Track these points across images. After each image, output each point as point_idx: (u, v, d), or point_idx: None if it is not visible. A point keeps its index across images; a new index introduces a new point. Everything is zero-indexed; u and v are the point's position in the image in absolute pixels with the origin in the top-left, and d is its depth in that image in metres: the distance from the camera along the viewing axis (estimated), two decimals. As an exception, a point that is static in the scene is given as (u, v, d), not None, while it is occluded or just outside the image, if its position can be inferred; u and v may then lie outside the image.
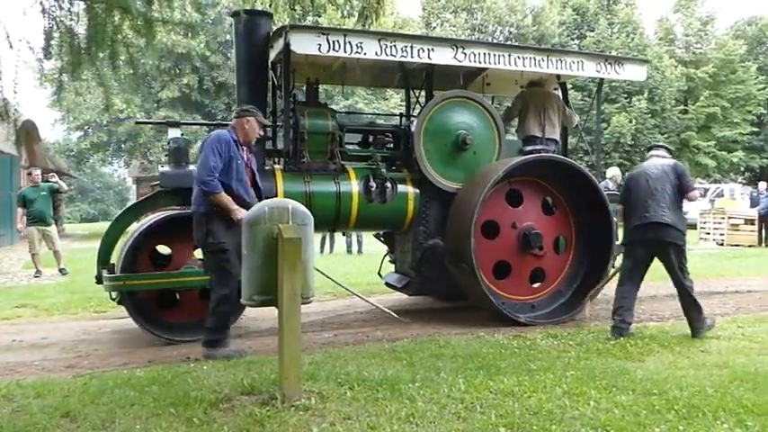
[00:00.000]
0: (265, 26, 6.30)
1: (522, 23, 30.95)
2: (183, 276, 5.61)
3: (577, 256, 6.80)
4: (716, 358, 4.76)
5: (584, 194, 6.71)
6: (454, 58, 6.38)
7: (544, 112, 7.22)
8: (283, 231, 3.70)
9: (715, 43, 32.17)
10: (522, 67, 6.73)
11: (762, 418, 3.41)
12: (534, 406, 3.58)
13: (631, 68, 7.36)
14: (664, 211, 5.38)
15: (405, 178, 6.59)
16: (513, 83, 7.82)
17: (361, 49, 5.98)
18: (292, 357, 3.66)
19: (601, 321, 6.28)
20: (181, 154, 6.09)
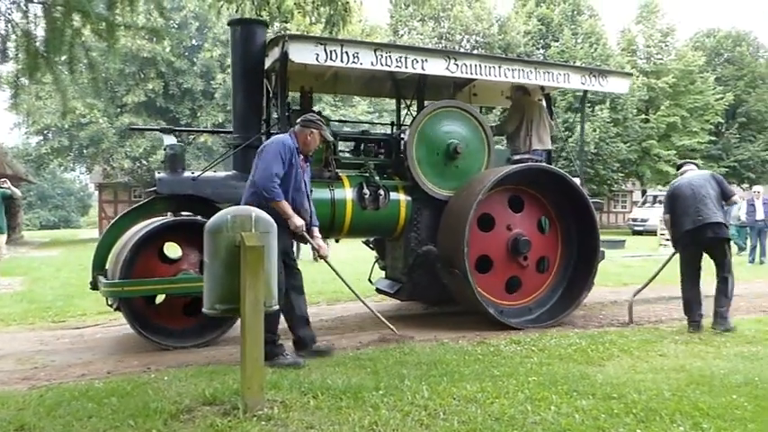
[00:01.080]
0: (261, 34, 6.38)
1: (489, 32, 31.34)
2: (181, 282, 5.58)
3: (557, 277, 6.96)
4: (673, 362, 4.87)
5: (570, 203, 6.91)
6: (447, 69, 6.51)
7: (530, 122, 7.43)
8: (246, 239, 3.68)
9: (675, 54, 33.01)
10: (511, 78, 6.92)
11: (717, 421, 3.50)
12: (497, 412, 3.61)
13: (615, 81, 7.58)
14: (715, 212, 6.15)
15: (397, 186, 6.69)
16: (500, 93, 8.08)
17: (357, 59, 6.06)
18: (255, 366, 3.63)
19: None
20: (177, 160, 6.12)
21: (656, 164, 30.53)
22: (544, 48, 32.91)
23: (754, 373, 4.50)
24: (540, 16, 33.68)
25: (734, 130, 33.62)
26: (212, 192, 5.99)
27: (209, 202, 5.98)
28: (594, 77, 7.37)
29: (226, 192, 6.01)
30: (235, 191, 5.93)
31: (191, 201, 6.00)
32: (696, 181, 6.34)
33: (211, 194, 5.97)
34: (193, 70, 23.27)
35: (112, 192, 30.33)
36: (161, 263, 5.85)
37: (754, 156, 33.02)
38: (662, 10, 33.84)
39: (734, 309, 7.57)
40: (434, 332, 6.15)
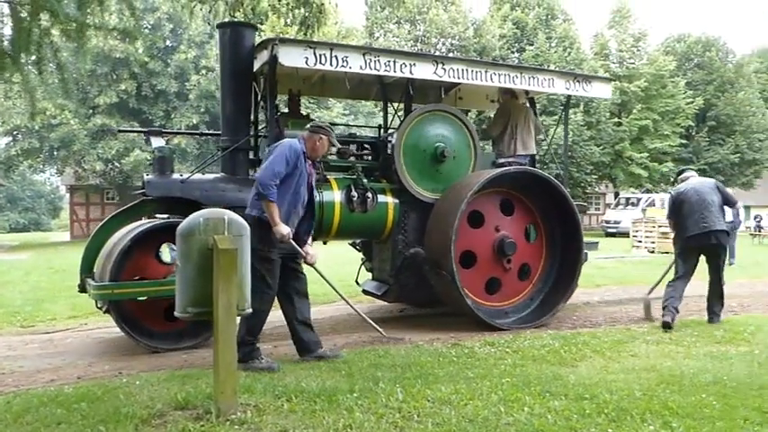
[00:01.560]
0: (250, 37, 6.43)
1: (464, 35, 31.53)
2: (171, 285, 5.49)
3: (537, 286, 7.02)
4: (644, 362, 4.93)
5: (555, 206, 7.02)
6: (435, 73, 6.58)
7: (515, 127, 7.52)
8: (219, 242, 3.64)
9: (647, 59, 33.59)
10: (497, 83, 7.03)
11: (686, 420, 3.55)
12: (470, 413, 3.63)
13: (598, 86, 7.76)
14: (719, 219, 6.53)
15: (384, 188, 6.72)
16: (485, 97, 8.18)
17: (346, 63, 6.11)
18: (228, 370, 3.60)
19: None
20: (165, 162, 6.11)
21: (628, 166, 31.00)
22: (519, 51, 33.21)
23: (722, 372, 4.58)
24: (515, 20, 33.98)
25: (704, 134, 34.28)
26: (201, 194, 5.99)
27: (198, 205, 5.91)
28: (578, 82, 7.51)
29: (214, 194, 6.02)
30: (223, 193, 6.03)
31: (179, 203, 5.96)
32: (701, 188, 6.69)
33: (200, 197, 5.96)
34: (167, 71, 23.06)
35: (84, 194, 29.92)
36: (150, 265, 5.78)
37: (723, 159, 33.69)
38: (634, 15, 34.51)
39: (703, 309, 7.73)
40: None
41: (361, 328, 6.50)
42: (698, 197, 6.57)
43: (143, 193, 6.00)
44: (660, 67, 31.85)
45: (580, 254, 6.95)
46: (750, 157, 34.48)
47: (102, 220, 5.89)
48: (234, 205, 5.84)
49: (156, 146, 6.27)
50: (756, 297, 9.05)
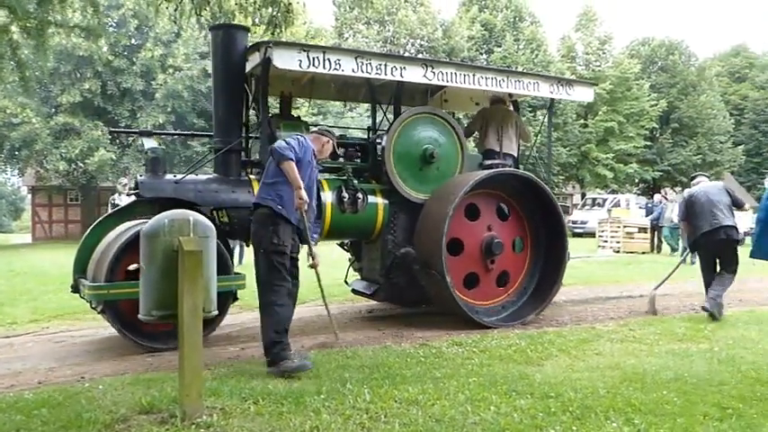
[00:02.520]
0: (242, 39, 6.45)
1: (433, 37, 31.69)
2: None
3: (512, 297, 7.08)
4: (608, 360, 5.02)
5: (540, 206, 7.17)
6: (424, 76, 6.67)
7: (502, 129, 7.66)
8: (184, 244, 3.60)
9: (612, 62, 34.17)
10: (484, 86, 7.13)
11: (648, 416, 3.62)
12: (437, 413, 3.64)
13: (580, 90, 7.90)
14: (728, 217, 7.00)
15: (374, 189, 6.80)
16: (469, 99, 8.40)
17: (339, 65, 6.18)
18: (193, 373, 3.56)
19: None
20: (158, 163, 6.10)
21: (594, 167, 31.49)
22: (487, 53, 33.51)
23: (683, 369, 4.68)
24: (484, 22, 34.27)
25: (667, 135, 35.02)
26: (195, 195, 6.00)
27: (192, 206, 5.89)
28: (562, 86, 7.68)
29: (208, 195, 6.06)
30: (216, 194, 6.07)
31: (172, 204, 5.86)
32: (711, 190, 7.21)
33: (194, 197, 5.97)
34: (133, 70, 22.68)
35: (47, 195, 29.27)
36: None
37: (686, 160, 34.45)
38: (600, 18, 35.04)
39: (665, 308, 7.91)
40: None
41: (329, 329, 6.48)
42: (707, 198, 7.07)
43: (136, 194, 5.99)
44: (625, 70, 32.43)
45: (564, 254, 7.12)
46: (711, 158, 35.32)
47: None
48: (227, 206, 6.07)
49: (148, 147, 6.25)
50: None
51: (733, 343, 5.69)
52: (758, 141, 44.39)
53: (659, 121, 34.27)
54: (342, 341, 5.67)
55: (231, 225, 6.17)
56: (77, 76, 22.68)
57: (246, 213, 5.71)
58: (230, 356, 5.30)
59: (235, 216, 6.09)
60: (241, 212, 5.98)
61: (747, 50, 58.74)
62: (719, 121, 36.27)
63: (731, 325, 6.60)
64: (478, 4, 35.54)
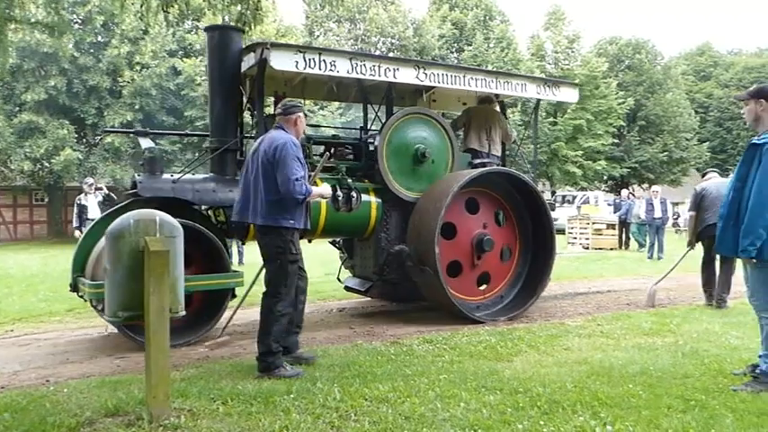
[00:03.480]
0: (238, 40, 6.55)
1: (404, 35, 31.73)
2: None
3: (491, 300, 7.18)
4: (576, 355, 5.09)
5: (527, 204, 7.38)
6: (416, 77, 6.84)
7: (489, 129, 7.82)
8: (150, 244, 3.55)
9: (581, 60, 34.56)
10: (474, 87, 7.31)
11: (614, 410, 3.68)
12: (407, 410, 3.65)
13: (566, 91, 8.12)
14: None
15: (368, 188, 6.90)
16: (456, 100, 8.59)
17: (334, 66, 6.29)
18: (160, 375, 3.52)
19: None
20: (156, 163, 6.16)
21: (564, 165, 31.84)
22: (458, 51, 33.68)
23: (649, 363, 4.77)
24: (454, 20, 34.45)
25: (634, 133, 35.57)
26: (193, 194, 6.06)
27: (189, 205, 6.07)
28: (548, 87, 7.87)
29: (206, 194, 6.13)
30: (214, 193, 6.15)
31: (169, 203, 5.92)
32: (721, 185, 7.39)
33: (192, 197, 6.05)
34: (99, 67, 22.28)
35: (11, 195, 28.59)
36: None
37: (653, 157, 35.05)
38: (568, 17, 35.39)
39: (632, 303, 8.05)
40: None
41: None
42: (717, 192, 7.26)
43: (134, 194, 6.01)
44: (593, 69, 32.85)
45: (553, 251, 7.30)
46: (677, 155, 35.99)
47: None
48: (225, 205, 6.15)
49: (145, 146, 6.30)
50: (683, 289, 9.44)
51: (697, 336, 5.81)
52: (723, 138, 45.36)
53: (626, 118, 34.78)
54: (313, 340, 5.66)
55: (228, 224, 6.24)
56: (42, 73, 22.22)
57: None
58: (199, 357, 5.25)
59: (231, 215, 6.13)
60: None
61: (712, 49, 59.93)
62: (685, 119, 36.96)
63: (695, 319, 6.73)
64: (449, 2, 35.71)
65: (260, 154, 4.62)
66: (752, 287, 4.25)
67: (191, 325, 5.85)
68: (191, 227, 5.56)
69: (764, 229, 3.99)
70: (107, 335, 6.28)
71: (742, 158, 4.24)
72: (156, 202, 5.88)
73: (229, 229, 6.29)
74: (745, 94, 4.36)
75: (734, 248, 4.16)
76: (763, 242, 4.01)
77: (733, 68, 52.08)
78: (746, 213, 4.05)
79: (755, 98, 4.25)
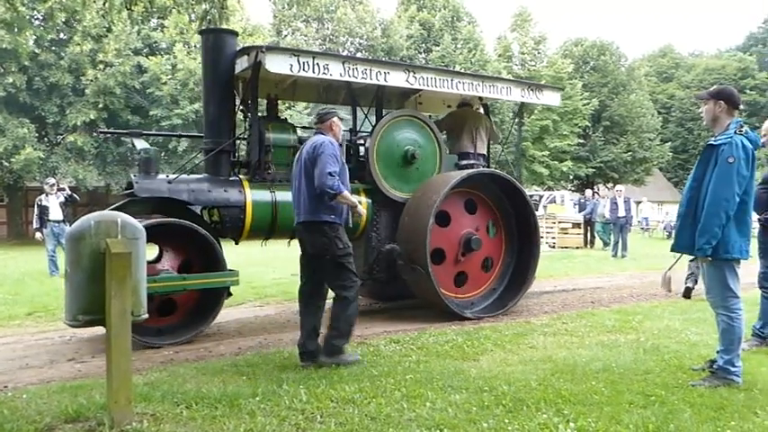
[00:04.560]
0: (232, 43, 6.67)
1: (372, 35, 31.72)
2: (163, 282, 5.66)
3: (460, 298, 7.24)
4: (541, 353, 5.15)
5: (513, 204, 7.60)
6: (407, 80, 6.99)
7: (475, 131, 8.05)
8: (111, 246, 3.49)
9: (547, 61, 35.01)
10: (461, 90, 7.48)
11: (577, 406, 3.74)
12: (373, 411, 3.66)
13: (549, 94, 8.35)
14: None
15: (358, 189, 6.97)
16: (442, 102, 8.79)
17: (327, 70, 6.40)
18: (122, 379, 3.45)
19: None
20: (151, 163, 6.25)
21: (531, 164, 32.20)
22: (426, 52, 33.79)
23: (611, 360, 4.85)
24: (422, 21, 34.55)
25: (599, 134, 36.16)
26: (188, 195, 6.15)
27: (183, 204, 6.14)
28: (532, 91, 8.09)
29: (201, 194, 6.21)
30: (209, 193, 6.24)
31: (164, 203, 6.09)
32: None
33: (188, 197, 6.13)
34: (61, 64, 21.78)
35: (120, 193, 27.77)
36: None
37: (617, 157, 35.67)
38: (534, 19, 35.85)
39: (597, 301, 8.19)
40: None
41: (267, 330, 6.44)
42: None
43: (130, 194, 6.07)
44: (559, 70, 33.31)
45: (537, 249, 7.51)
46: (641, 155, 36.69)
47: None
48: (220, 205, 6.28)
49: (140, 147, 6.38)
50: (646, 287, 9.63)
51: (658, 333, 5.94)
52: (684, 139, 46.43)
53: (591, 119, 35.34)
54: (280, 341, 5.64)
55: (222, 223, 6.35)
56: (0, 70, 21.63)
57: (237, 212, 6.25)
58: (163, 360, 5.17)
59: (226, 215, 6.31)
60: (232, 211, 6.29)
61: (674, 51, 61.22)
62: (648, 120, 37.69)
63: (657, 316, 6.88)
64: (417, 3, 35.81)
65: (303, 156, 4.85)
66: (708, 284, 4.36)
67: (186, 323, 5.98)
68: (188, 227, 5.76)
69: (719, 228, 4.10)
70: (68, 339, 6.16)
71: (699, 159, 4.35)
72: (152, 202, 6.08)
73: (223, 228, 6.38)
74: (704, 94, 4.47)
75: (690, 247, 4.27)
76: (719, 241, 4.12)
77: (694, 70, 53.32)
78: (702, 213, 4.15)
79: (714, 99, 4.36)
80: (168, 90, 22.20)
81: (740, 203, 4.13)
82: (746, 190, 4.16)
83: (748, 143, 4.17)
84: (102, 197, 25.69)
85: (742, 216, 4.18)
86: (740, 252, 4.19)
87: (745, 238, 4.22)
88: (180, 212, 6.05)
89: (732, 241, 4.15)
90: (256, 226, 6.46)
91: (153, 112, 22.64)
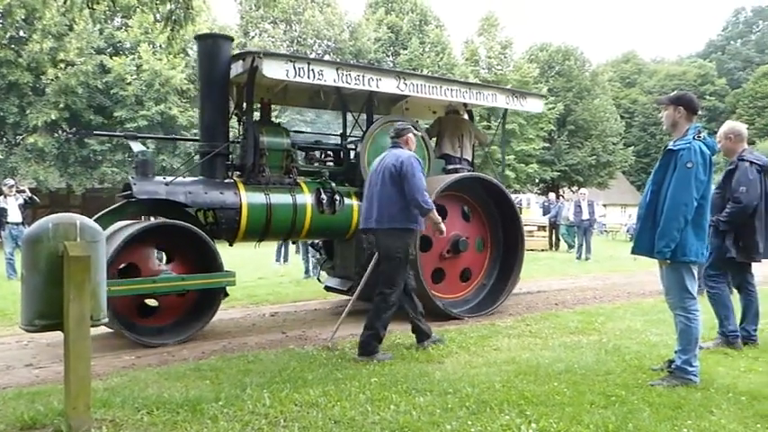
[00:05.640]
0: (227, 48, 6.78)
1: (340, 38, 31.66)
2: (163, 282, 5.80)
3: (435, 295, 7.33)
4: (505, 355, 5.20)
5: (498, 207, 7.83)
6: (398, 87, 7.21)
7: (460, 136, 8.28)
8: (69, 249, 3.41)
9: (513, 66, 35.36)
10: (450, 97, 7.75)
11: (539, 407, 3.78)
12: (337, 414, 3.65)
13: (532, 101, 8.69)
14: None
15: (349, 192, 7.23)
16: (427, 109, 9.04)
17: (321, 76, 6.59)
18: (81, 384, 3.38)
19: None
20: (148, 166, 6.35)
21: (497, 168, 32.46)
22: (394, 55, 33.87)
23: (574, 361, 4.92)
24: (390, 24, 34.63)
25: (564, 138, 36.63)
26: (185, 196, 6.25)
27: (180, 206, 6.27)
28: (516, 98, 8.40)
29: (198, 196, 6.32)
30: (206, 195, 6.36)
31: (161, 204, 6.25)
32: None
33: (185, 199, 6.24)
34: (20, 62, 21.25)
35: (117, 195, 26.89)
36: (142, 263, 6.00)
37: (581, 161, 36.19)
38: (501, 23, 36.18)
39: (560, 303, 8.30)
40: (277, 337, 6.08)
41: (231, 334, 6.38)
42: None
43: (128, 195, 6.15)
44: (525, 74, 33.66)
45: (522, 250, 7.71)
46: (605, 159, 37.29)
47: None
48: (216, 207, 6.39)
49: (137, 150, 6.48)
50: (609, 289, 9.81)
51: (620, 334, 6.05)
52: (647, 143, 47.43)
53: (557, 123, 35.79)
54: (244, 345, 5.59)
55: (218, 225, 6.44)
56: (-45, 68, 21.03)
57: (233, 214, 6.38)
58: (124, 366, 5.09)
59: (222, 216, 6.41)
60: (228, 213, 6.40)
61: (636, 57, 62.50)
62: (612, 124, 38.34)
63: (619, 317, 7.00)
64: (385, 6, 35.88)
65: (385, 168, 5.22)
66: (666, 286, 4.46)
67: (183, 323, 6.09)
68: (187, 228, 5.94)
69: (678, 231, 4.19)
70: (26, 344, 6.01)
71: (658, 163, 4.44)
72: (149, 204, 6.25)
73: (218, 229, 6.48)
74: (665, 99, 4.58)
75: (650, 249, 4.36)
76: (677, 244, 4.22)
77: (656, 76, 54.53)
78: (662, 216, 4.24)
79: (674, 104, 4.46)
80: (133, 90, 21.83)
81: (697, 208, 4.23)
82: (704, 194, 4.26)
83: (706, 148, 4.27)
84: (63, 199, 25.16)
85: (699, 220, 4.28)
86: (697, 255, 4.29)
87: (702, 241, 4.32)
88: (177, 214, 6.24)
89: (690, 245, 4.25)
90: (251, 228, 6.59)
91: (117, 114, 22.22)
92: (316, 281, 10.64)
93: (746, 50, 70.15)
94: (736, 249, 5.39)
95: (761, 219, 5.41)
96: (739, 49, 71.33)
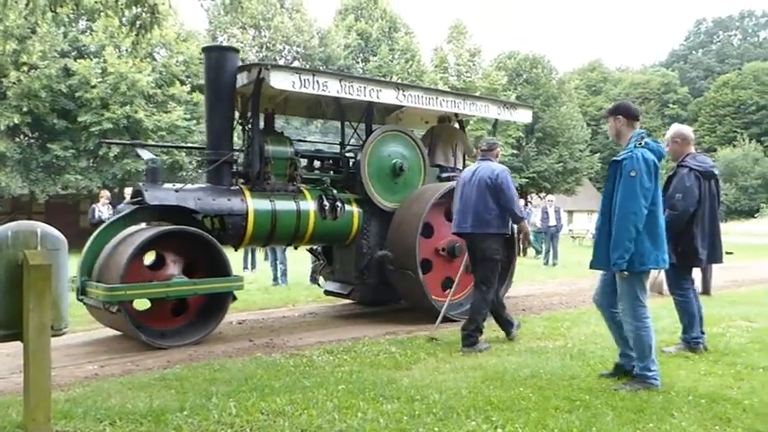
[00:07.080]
0: (233, 59, 6.98)
1: (310, 44, 31.64)
2: (176, 286, 5.97)
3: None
4: (473, 361, 5.23)
5: None
6: (396, 98, 7.53)
7: (453, 145, 8.59)
8: (29, 257, 3.35)
9: (481, 73, 35.74)
10: (445, 108, 8.08)
11: (505, 413, 3.81)
12: (304, 423, 3.63)
13: (521, 112, 9.09)
14: None
15: (349, 199, 7.50)
16: (420, 119, 9.33)
17: (326, 87, 6.88)
18: (40, 395, 3.31)
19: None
20: (157, 173, 6.57)
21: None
22: (363, 62, 33.96)
23: (540, 366, 4.97)
24: (359, 31, 34.76)
25: (532, 145, 37.14)
26: (195, 203, 6.44)
27: (189, 212, 6.41)
28: (507, 109, 8.81)
29: (206, 203, 6.51)
30: (214, 201, 6.56)
31: (170, 211, 6.40)
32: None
33: (194, 205, 6.42)
34: (-12, 66, 20.74)
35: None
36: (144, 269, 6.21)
37: (549, 168, 36.73)
38: (469, 31, 36.58)
39: (527, 308, 8.38)
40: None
41: (197, 342, 6.30)
42: None
43: (139, 201, 6.38)
44: (493, 82, 34.06)
45: (514, 254, 7.87)
46: (572, 166, 37.92)
47: None
48: (224, 213, 6.59)
49: (147, 158, 6.66)
50: (575, 294, 9.94)
51: (585, 339, 6.13)
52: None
53: (525, 130, 36.26)
54: (210, 353, 5.53)
55: (225, 231, 6.65)
56: None
57: (240, 220, 6.60)
58: (87, 376, 4.98)
59: (229, 222, 6.63)
60: (235, 219, 6.63)
61: (602, 66, 63.65)
62: (578, 131, 39.03)
63: (584, 322, 7.09)
64: (354, 13, 35.98)
65: (480, 179, 5.76)
66: (619, 295, 4.46)
67: (191, 327, 6.27)
68: (199, 234, 6.15)
69: (630, 241, 4.20)
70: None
71: (608, 175, 4.51)
72: (160, 210, 6.40)
73: (225, 235, 6.67)
74: (605, 112, 4.71)
75: (606, 263, 4.39)
76: (633, 254, 4.25)
77: (621, 84, 55.64)
78: (614, 228, 4.29)
79: (613, 115, 4.58)
80: (98, 93, 21.45)
81: (649, 214, 4.25)
82: (654, 201, 4.29)
83: (650, 154, 4.30)
84: (26, 205, 24.60)
85: (652, 227, 4.30)
86: (656, 262, 4.34)
87: (659, 248, 4.34)
88: (186, 220, 6.39)
89: (647, 253, 4.28)
90: (257, 233, 6.83)
91: (82, 119, 21.81)
92: (283, 288, 10.65)
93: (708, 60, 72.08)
94: (675, 255, 5.30)
95: (700, 225, 5.41)
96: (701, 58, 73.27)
